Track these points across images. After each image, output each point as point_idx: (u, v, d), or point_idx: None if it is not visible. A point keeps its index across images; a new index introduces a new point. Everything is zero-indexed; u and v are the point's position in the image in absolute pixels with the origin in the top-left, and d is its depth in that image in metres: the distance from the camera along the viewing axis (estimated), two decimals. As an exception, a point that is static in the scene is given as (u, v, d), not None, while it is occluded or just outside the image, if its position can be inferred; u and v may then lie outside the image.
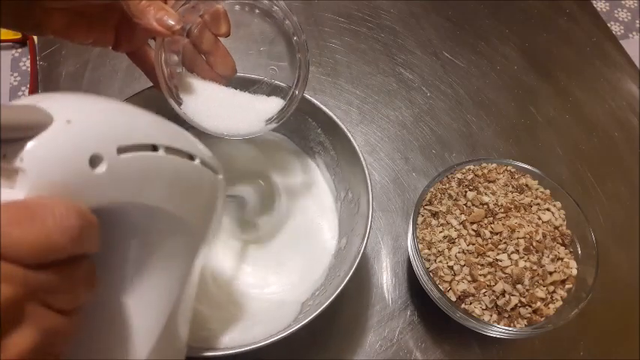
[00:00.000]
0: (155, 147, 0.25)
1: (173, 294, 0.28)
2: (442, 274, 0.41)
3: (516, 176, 0.46)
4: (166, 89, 0.37)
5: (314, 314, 0.36)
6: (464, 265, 0.41)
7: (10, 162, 0.19)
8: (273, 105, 0.41)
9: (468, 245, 0.42)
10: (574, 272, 0.41)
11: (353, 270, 0.37)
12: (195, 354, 0.35)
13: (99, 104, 0.24)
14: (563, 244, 0.43)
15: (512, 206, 0.43)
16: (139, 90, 0.42)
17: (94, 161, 0.21)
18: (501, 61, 0.64)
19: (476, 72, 0.63)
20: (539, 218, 0.43)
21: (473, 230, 0.42)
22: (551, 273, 0.40)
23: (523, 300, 0.39)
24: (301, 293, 0.43)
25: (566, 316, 0.39)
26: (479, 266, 0.41)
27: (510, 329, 0.39)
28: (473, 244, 0.42)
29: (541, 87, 0.62)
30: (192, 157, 0.27)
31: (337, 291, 0.36)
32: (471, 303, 0.40)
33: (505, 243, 0.41)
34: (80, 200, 0.20)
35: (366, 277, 0.49)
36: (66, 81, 0.58)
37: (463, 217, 0.43)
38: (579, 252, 0.42)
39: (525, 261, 0.40)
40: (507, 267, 0.40)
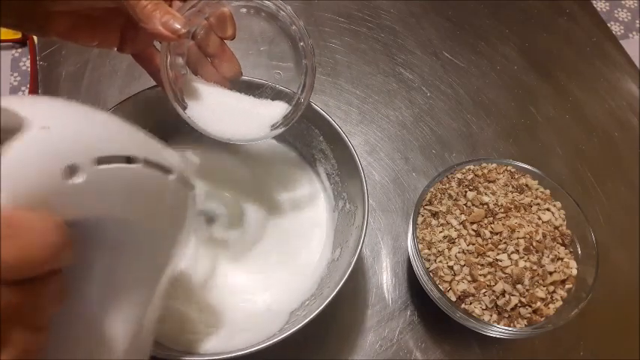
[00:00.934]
0: (133, 159, 0.24)
1: (143, 304, 0.27)
2: (442, 274, 0.41)
3: (516, 176, 0.46)
4: (171, 93, 0.36)
5: (299, 325, 0.35)
6: (464, 265, 0.41)
7: None
8: (277, 110, 0.40)
9: (468, 245, 0.42)
10: (574, 272, 0.41)
11: (342, 283, 0.36)
12: (176, 358, 0.35)
13: (78, 112, 0.23)
14: (563, 244, 0.43)
15: (512, 206, 0.43)
16: (139, 90, 0.42)
17: (71, 171, 0.20)
18: (501, 61, 0.64)
19: (476, 72, 0.63)
20: (539, 218, 0.43)
21: (473, 230, 0.42)
22: (551, 273, 0.40)
23: (523, 300, 0.39)
24: (291, 302, 0.42)
25: (566, 316, 0.39)
26: (479, 266, 0.41)
27: (510, 329, 0.39)
28: (473, 244, 0.42)
29: (541, 87, 0.62)
30: (168, 171, 0.27)
31: (325, 303, 0.36)
32: (471, 303, 0.40)
33: (505, 243, 0.41)
34: (56, 212, 0.19)
35: (366, 277, 0.49)
36: (66, 81, 0.58)
37: (463, 217, 0.43)
38: (579, 252, 0.42)
39: (525, 261, 0.40)
40: (507, 267, 0.40)
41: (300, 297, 0.43)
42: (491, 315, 0.40)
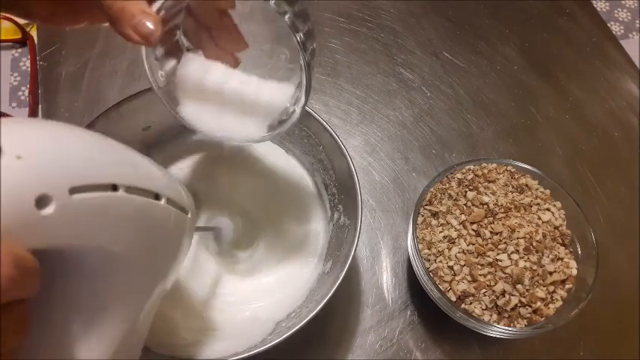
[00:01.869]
0: (115, 186, 0.23)
1: (124, 329, 0.26)
2: (442, 274, 0.41)
3: (516, 176, 0.46)
4: (160, 92, 0.34)
5: (283, 336, 0.35)
6: (464, 265, 0.41)
7: None
8: (283, 96, 0.35)
9: (468, 245, 0.42)
10: (574, 272, 0.41)
11: (329, 296, 0.36)
12: None
13: (58, 137, 0.22)
14: (563, 244, 0.43)
15: (512, 206, 0.43)
16: (139, 90, 0.42)
17: (42, 202, 0.19)
18: (501, 61, 0.64)
19: (476, 72, 0.63)
20: (539, 218, 0.43)
21: (473, 230, 0.42)
22: (551, 273, 0.40)
23: (523, 300, 0.39)
24: (279, 312, 0.42)
25: (566, 316, 0.39)
26: (479, 266, 0.41)
27: (510, 329, 0.39)
28: (473, 244, 0.42)
29: (541, 87, 0.62)
30: (157, 197, 0.26)
31: (311, 315, 0.35)
32: (471, 303, 0.40)
33: (505, 243, 0.41)
34: (23, 241, 0.19)
35: (366, 277, 0.49)
36: (66, 81, 0.58)
37: (463, 217, 0.43)
38: (579, 252, 0.42)
39: (525, 261, 0.40)
40: (507, 267, 0.40)
41: (288, 308, 0.42)
42: (491, 315, 0.40)
